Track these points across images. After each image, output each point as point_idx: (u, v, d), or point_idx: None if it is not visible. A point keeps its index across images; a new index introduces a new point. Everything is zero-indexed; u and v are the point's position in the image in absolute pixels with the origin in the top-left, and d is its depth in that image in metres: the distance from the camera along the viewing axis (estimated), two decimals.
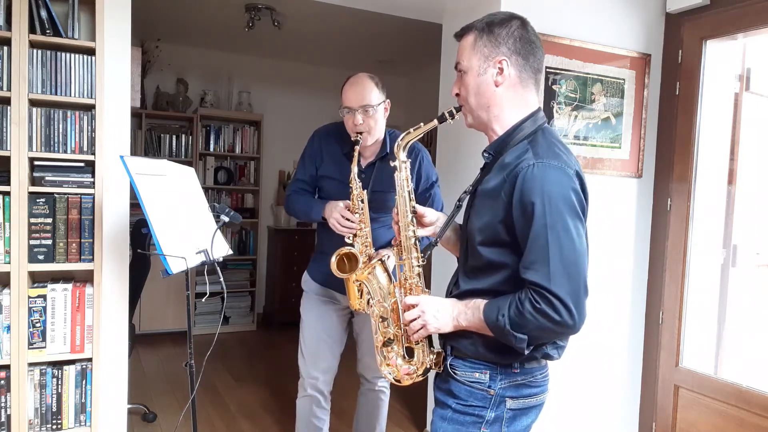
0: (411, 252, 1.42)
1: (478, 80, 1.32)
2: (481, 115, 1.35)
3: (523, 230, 1.21)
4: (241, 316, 5.19)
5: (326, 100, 5.51)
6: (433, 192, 2.25)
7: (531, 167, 1.21)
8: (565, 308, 1.16)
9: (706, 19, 2.74)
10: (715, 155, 2.83)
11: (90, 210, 2.15)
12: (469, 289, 1.35)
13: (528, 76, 1.34)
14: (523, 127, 1.33)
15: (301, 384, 2.31)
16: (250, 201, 5.28)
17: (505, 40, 1.31)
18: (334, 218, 2.03)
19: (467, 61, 1.34)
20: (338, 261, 1.93)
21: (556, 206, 1.19)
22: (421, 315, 1.34)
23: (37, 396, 2.14)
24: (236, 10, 4.07)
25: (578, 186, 1.25)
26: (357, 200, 2.00)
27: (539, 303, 1.17)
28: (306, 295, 2.33)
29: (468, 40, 1.34)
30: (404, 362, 1.46)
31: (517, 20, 1.33)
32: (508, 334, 1.21)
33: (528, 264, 1.20)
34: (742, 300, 2.98)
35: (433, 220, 1.51)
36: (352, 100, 2.06)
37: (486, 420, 1.31)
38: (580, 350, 2.85)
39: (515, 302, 1.21)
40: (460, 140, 2.86)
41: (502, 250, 1.27)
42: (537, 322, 1.18)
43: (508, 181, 1.24)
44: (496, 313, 1.23)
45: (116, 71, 2.24)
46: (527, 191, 1.20)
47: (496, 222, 1.26)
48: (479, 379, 1.32)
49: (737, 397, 2.54)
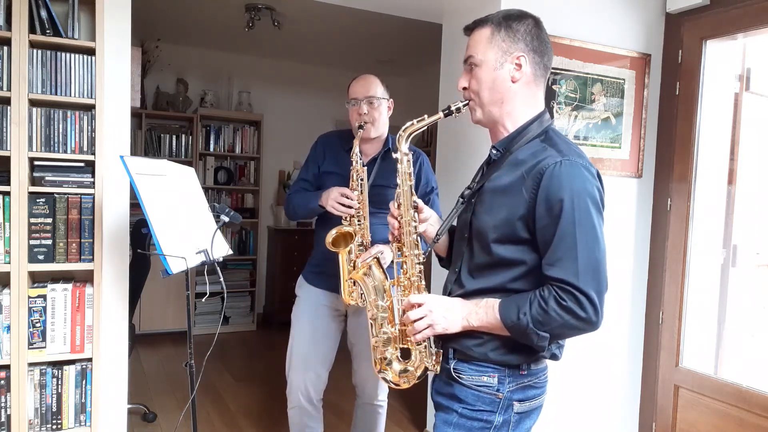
0: (412, 248, 1.38)
1: (493, 74, 1.30)
2: (492, 110, 1.33)
3: (546, 227, 1.20)
4: (241, 316, 5.19)
5: (326, 100, 5.52)
6: (431, 198, 2.25)
7: (558, 164, 1.20)
8: (591, 305, 1.16)
9: (706, 19, 2.74)
10: (715, 155, 2.83)
11: (90, 210, 2.15)
12: (476, 288, 1.32)
13: (540, 74, 1.33)
14: (531, 127, 1.32)
15: (289, 393, 2.23)
16: (250, 201, 5.28)
17: (523, 36, 1.30)
18: (332, 198, 2.02)
19: (482, 54, 1.31)
20: (334, 239, 1.94)
21: (585, 204, 1.19)
22: (428, 314, 1.30)
23: (37, 396, 2.14)
24: (236, 10, 4.07)
25: (599, 184, 1.25)
26: (357, 177, 2.02)
27: (565, 300, 1.16)
28: (299, 301, 2.29)
29: (483, 33, 1.32)
30: (400, 364, 1.41)
31: (532, 18, 1.33)
32: (531, 332, 1.19)
33: (553, 261, 1.19)
34: (742, 300, 2.98)
35: (428, 217, 1.48)
36: (358, 91, 2.14)
37: (494, 425, 1.29)
38: (581, 350, 2.85)
39: (537, 300, 1.19)
40: (459, 140, 2.86)
41: (518, 247, 1.25)
42: (561, 319, 1.17)
43: (530, 178, 1.22)
44: (516, 312, 1.20)
45: (116, 71, 2.24)
46: (555, 188, 1.19)
47: (515, 219, 1.24)
48: (487, 382, 1.29)
49: (737, 397, 2.54)
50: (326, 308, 2.23)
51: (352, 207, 2.00)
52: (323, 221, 2.23)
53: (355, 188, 2.02)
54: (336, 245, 1.99)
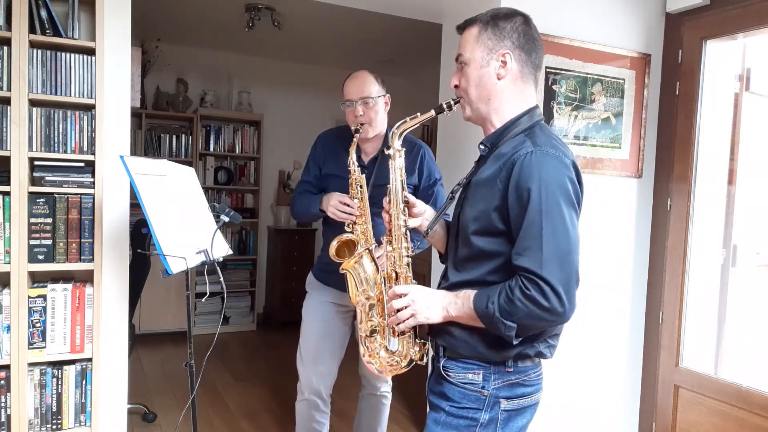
0: (401, 242, 1.42)
1: (480, 72, 1.33)
2: (480, 107, 1.35)
3: (517, 216, 1.21)
4: (241, 316, 5.19)
5: (326, 100, 5.51)
6: (435, 190, 2.24)
7: (529, 154, 1.22)
8: (555, 295, 1.16)
9: (706, 19, 2.74)
10: (715, 155, 2.83)
11: (90, 210, 2.15)
12: (457, 281, 1.35)
13: (529, 72, 1.34)
14: (520, 122, 1.33)
15: (300, 387, 2.30)
16: (250, 201, 5.28)
17: (509, 34, 1.31)
18: (332, 205, 2.03)
19: (470, 52, 1.34)
20: (338, 247, 1.93)
21: (552, 193, 1.19)
22: (411, 304, 1.33)
23: (37, 396, 2.14)
24: (236, 10, 4.07)
25: (574, 176, 1.25)
26: (356, 185, 2.00)
27: (529, 289, 1.17)
28: (309, 297, 2.32)
29: (471, 32, 1.35)
30: (387, 354, 1.44)
31: (521, 16, 1.34)
32: (498, 321, 1.20)
33: (521, 250, 1.20)
34: (742, 300, 2.98)
35: (422, 211, 1.50)
36: (352, 92, 2.10)
37: (480, 422, 1.30)
38: (580, 350, 2.85)
39: (505, 290, 1.21)
40: (459, 137, 2.86)
41: (495, 239, 1.27)
42: (526, 309, 1.17)
43: (505, 169, 1.24)
44: (486, 301, 1.22)
45: (116, 71, 2.24)
46: (524, 177, 1.20)
47: (491, 210, 1.26)
48: (472, 380, 1.31)
49: (737, 397, 2.54)
50: (335, 305, 2.25)
51: (353, 215, 1.99)
52: (330, 221, 2.22)
53: (355, 196, 2.00)
54: (340, 255, 1.98)
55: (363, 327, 1.47)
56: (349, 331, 2.33)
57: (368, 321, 1.47)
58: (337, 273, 1.95)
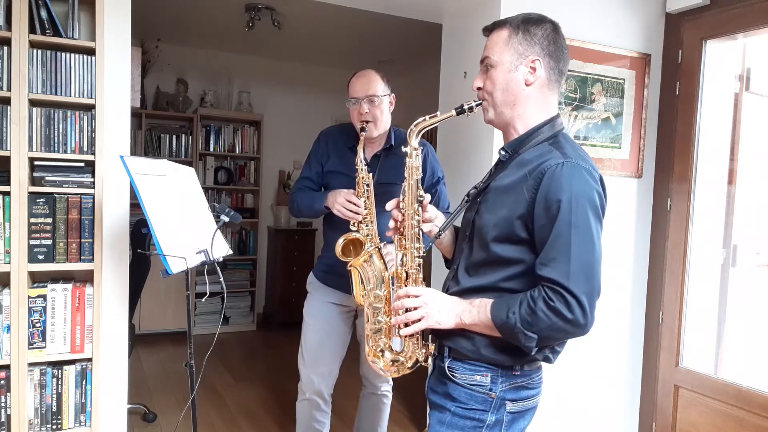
0: (413, 241, 1.40)
1: (508, 76, 1.32)
2: (504, 111, 1.34)
3: (543, 227, 1.21)
4: (241, 316, 5.19)
5: (326, 100, 5.51)
6: (438, 189, 2.23)
7: (560, 165, 1.21)
8: (580, 307, 1.16)
9: (706, 19, 2.74)
10: (715, 155, 2.83)
11: (90, 210, 2.15)
12: (470, 286, 1.33)
13: (555, 80, 1.34)
14: (542, 130, 1.32)
15: (301, 387, 2.29)
16: (250, 201, 5.28)
17: (540, 41, 1.31)
18: (338, 203, 1.99)
19: (498, 55, 1.32)
20: (344, 246, 1.92)
21: (582, 206, 1.19)
22: (422, 306, 1.32)
23: (37, 396, 2.14)
24: (236, 10, 4.07)
25: (601, 190, 1.25)
26: (363, 184, 1.98)
27: (553, 301, 1.16)
28: (310, 297, 2.31)
29: (501, 35, 1.33)
30: (392, 354, 1.43)
31: (551, 23, 1.34)
32: (518, 332, 1.19)
33: (546, 261, 1.19)
34: (742, 300, 2.98)
35: (433, 217, 1.48)
36: (358, 90, 2.09)
37: (487, 424, 1.30)
38: (581, 350, 2.85)
39: (527, 300, 1.19)
40: (459, 139, 2.85)
41: (515, 246, 1.26)
42: (549, 320, 1.17)
43: (532, 178, 1.23)
44: (506, 311, 1.21)
45: (116, 71, 2.24)
46: (554, 189, 1.19)
47: (514, 217, 1.25)
48: (480, 381, 1.30)
49: (737, 397, 2.54)
50: (336, 305, 2.25)
51: (359, 213, 1.98)
52: (332, 220, 2.19)
53: (362, 195, 1.98)
54: (345, 253, 1.96)
55: (368, 326, 1.46)
56: (350, 332, 2.32)
57: (374, 319, 1.46)
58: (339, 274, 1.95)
